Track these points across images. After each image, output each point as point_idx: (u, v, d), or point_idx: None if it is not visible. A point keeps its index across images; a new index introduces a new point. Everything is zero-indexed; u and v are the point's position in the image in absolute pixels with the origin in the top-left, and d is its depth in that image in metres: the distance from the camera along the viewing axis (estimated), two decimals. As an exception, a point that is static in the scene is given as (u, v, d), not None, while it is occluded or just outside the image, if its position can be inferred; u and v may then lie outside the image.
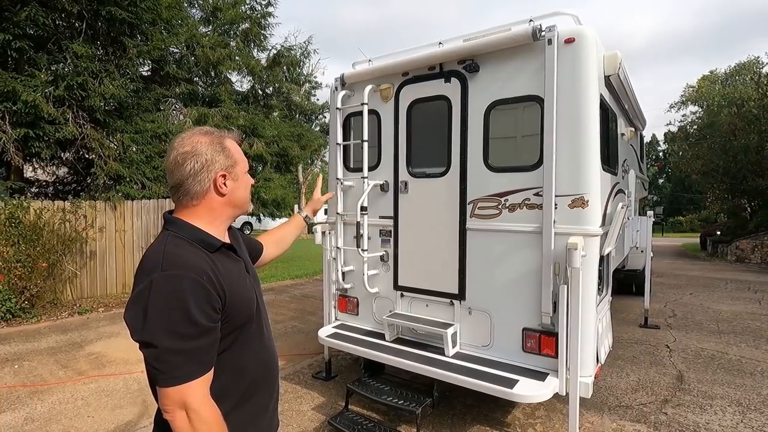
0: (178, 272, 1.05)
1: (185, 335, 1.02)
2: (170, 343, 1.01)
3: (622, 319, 6.32)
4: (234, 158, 1.25)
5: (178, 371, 1.02)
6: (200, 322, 1.04)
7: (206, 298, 1.06)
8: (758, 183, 14.60)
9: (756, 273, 11.33)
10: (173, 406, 1.03)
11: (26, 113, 7.06)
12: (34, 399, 3.90)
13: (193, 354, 1.04)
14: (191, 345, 1.03)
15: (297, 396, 3.90)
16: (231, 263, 1.22)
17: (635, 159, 6.34)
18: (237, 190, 1.26)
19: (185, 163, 1.16)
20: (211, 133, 1.23)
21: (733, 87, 19.26)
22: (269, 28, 13.54)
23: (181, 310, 1.02)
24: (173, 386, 1.02)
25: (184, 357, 1.02)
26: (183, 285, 1.04)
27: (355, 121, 3.96)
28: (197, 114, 10.24)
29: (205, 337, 1.05)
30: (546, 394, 2.74)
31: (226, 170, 1.22)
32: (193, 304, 1.03)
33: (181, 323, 1.02)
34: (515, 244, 3.09)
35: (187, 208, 1.21)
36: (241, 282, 1.22)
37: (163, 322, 1.01)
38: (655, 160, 43.57)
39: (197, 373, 1.04)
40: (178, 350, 1.02)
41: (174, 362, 1.01)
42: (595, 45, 2.88)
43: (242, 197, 1.29)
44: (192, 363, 1.03)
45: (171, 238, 1.14)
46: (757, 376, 4.28)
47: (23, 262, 6.41)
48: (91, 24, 7.92)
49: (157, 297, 1.02)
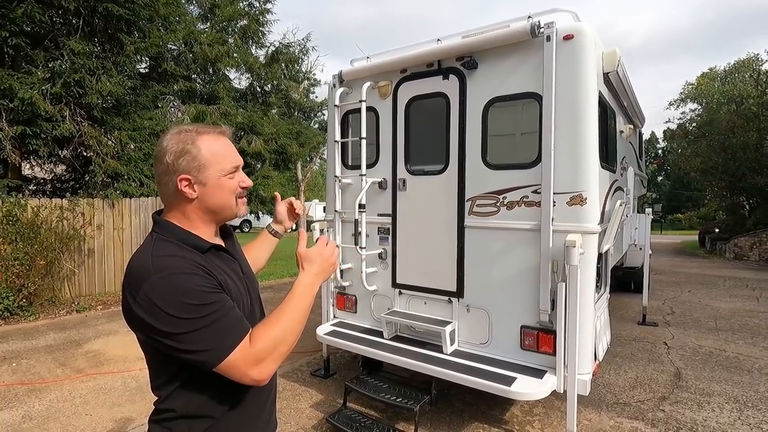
0: (172, 271, 1.03)
1: (207, 309, 1.01)
2: (197, 323, 0.99)
3: (620, 316, 6.33)
4: (200, 161, 1.11)
5: (223, 340, 1.00)
6: (214, 293, 1.04)
7: (206, 279, 1.05)
8: (757, 180, 14.60)
9: (754, 270, 11.35)
10: (247, 368, 1.01)
11: (23, 111, 7.02)
12: (32, 397, 3.90)
13: (226, 316, 1.03)
14: (220, 313, 1.02)
15: (295, 394, 3.90)
16: (222, 263, 1.19)
17: (634, 156, 6.34)
18: (209, 195, 1.14)
19: (156, 163, 1.14)
20: (183, 132, 1.14)
21: (732, 84, 19.25)
22: (267, 25, 13.52)
23: (192, 291, 1.01)
24: (229, 356, 1.00)
25: (225, 322, 1.02)
26: (182, 276, 1.02)
27: (353, 118, 3.94)
28: (195, 111, 10.22)
29: (224, 303, 1.05)
30: (544, 391, 2.74)
31: (189, 174, 1.11)
32: (199, 281, 1.03)
33: (198, 301, 1.00)
34: (513, 242, 3.08)
35: (167, 208, 1.18)
36: (234, 280, 1.19)
37: (182, 310, 0.99)
38: (654, 158, 43.58)
39: (241, 330, 1.03)
40: (210, 324, 1.00)
41: (214, 333, 1.00)
42: (594, 42, 2.87)
43: (218, 203, 1.16)
44: (233, 325, 1.03)
45: (157, 242, 1.11)
46: (755, 373, 4.29)
47: (21, 260, 6.39)
48: (88, 21, 7.87)
49: (163, 292, 0.99)
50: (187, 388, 1.09)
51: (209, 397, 1.10)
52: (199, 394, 1.10)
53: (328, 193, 4.10)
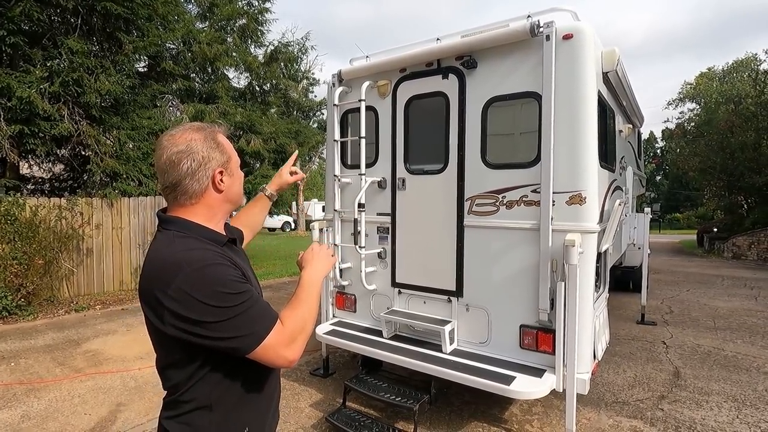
0: (205, 263, 1.07)
1: (240, 296, 1.06)
2: (233, 311, 1.04)
3: (619, 315, 6.35)
4: (228, 153, 1.23)
5: (261, 322, 1.07)
6: (243, 282, 1.10)
7: (236, 270, 1.12)
8: (755, 180, 14.66)
9: (752, 270, 11.39)
10: (282, 348, 1.09)
11: (21, 110, 7.00)
12: (30, 397, 3.89)
13: (258, 303, 1.10)
14: (252, 300, 1.08)
15: (294, 393, 3.90)
16: (236, 256, 1.24)
17: (633, 156, 6.34)
18: (233, 185, 1.26)
19: (181, 163, 1.13)
20: (203, 129, 1.21)
21: (730, 84, 19.28)
22: (266, 24, 13.47)
23: (227, 281, 1.06)
24: (266, 339, 1.06)
25: (256, 309, 1.08)
26: (215, 267, 1.07)
27: (352, 117, 3.94)
28: (194, 110, 10.18)
29: (251, 291, 1.11)
30: (543, 390, 2.74)
31: (223, 166, 1.20)
32: (231, 272, 1.09)
33: (233, 290, 1.06)
34: (513, 241, 3.09)
35: (183, 206, 1.18)
36: (248, 272, 1.25)
37: (219, 299, 1.03)
38: (653, 157, 43.69)
39: (273, 314, 1.11)
40: (245, 311, 1.06)
41: (252, 314, 1.07)
42: (593, 41, 2.87)
43: (238, 192, 1.29)
44: (265, 310, 1.10)
45: (179, 239, 1.12)
46: (753, 372, 4.31)
47: (19, 259, 6.38)
48: (86, 19, 7.83)
49: (200, 284, 1.03)
50: (208, 381, 1.13)
51: (227, 389, 1.14)
52: (219, 386, 1.14)
53: (327, 192, 4.10)
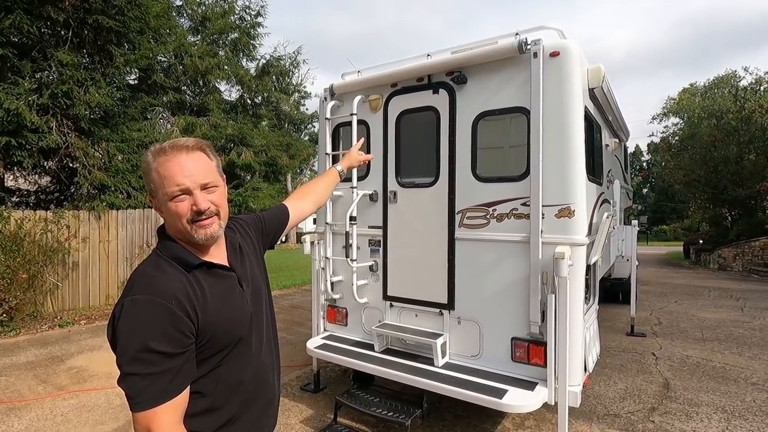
0: (145, 297, 1.04)
1: (147, 361, 1.00)
2: (133, 368, 1.00)
3: (609, 327, 6.38)
4: (154, 184, 1.11)
5: (141, 397, 1.00)
6: (162, 349, 1.01)
7: (174, 324, 1.03)
8: (738, 193, 15.00)
9: (738, 281, 11.57)
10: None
11: (8, 121, 6.91)
12: (11, 416, 3.77)
13: (156, 380, 1.01)
14: (153, 370, 1.01)
15: (285, 409, 3.84)
16: (215, 281, 1.16)
17: (620, 169, 6.46)
18: (166, 218, 1.15)
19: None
20: (151, 151, 1.13)
21: (712, 99, 19.79)
22: (258, 38, 13.60)
23: (144, 337, 1.00)
24: (138, 412, 1.00)
25: (147, 383, 1.00)
26: (148, 311, 1.02)
27: (344, 131, 3.97)
28: (185, 123, 10.19)
29: (169, 362, 1.02)
30: (535, 403, 2.74)
31: (151, 194, 1.15)
32: (158, 330, 1.01)
33: (143, 350, 1.00)
34: (503, 254, 3.11)
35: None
36: (227, 302, 1.17)
37: (127, 347, 1.01)
38: (639, 170, 44.44)
39: (161, 399, 1.01)
40: (142, 376, 1.00)
41: (137, 388, 1.00)
42: (580, 58, 2.95)
43: (172, 227, 1.14)
44: (154, 389, 1.00)
45: (154, 258, 1.14)
46: (741, 383, 4.35)
47: (2, 273, 6.23)
48: (77, 32, 7.83)
49: (123, 322, 1.02)
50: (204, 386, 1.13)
51: (206, 412, 1.13)
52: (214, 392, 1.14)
53: (318, 205, 4.09)
